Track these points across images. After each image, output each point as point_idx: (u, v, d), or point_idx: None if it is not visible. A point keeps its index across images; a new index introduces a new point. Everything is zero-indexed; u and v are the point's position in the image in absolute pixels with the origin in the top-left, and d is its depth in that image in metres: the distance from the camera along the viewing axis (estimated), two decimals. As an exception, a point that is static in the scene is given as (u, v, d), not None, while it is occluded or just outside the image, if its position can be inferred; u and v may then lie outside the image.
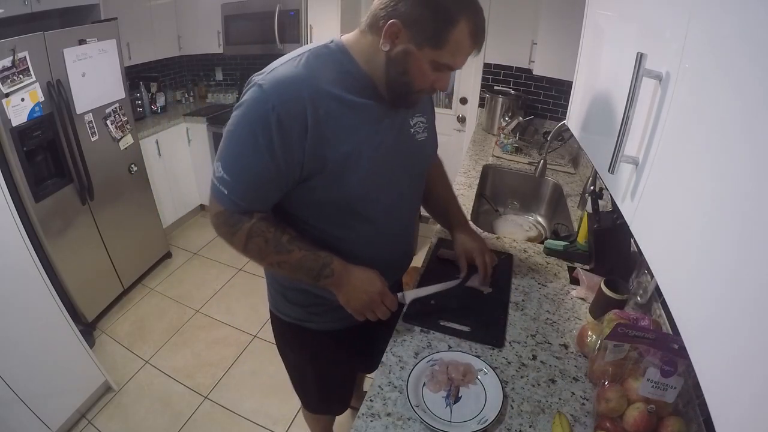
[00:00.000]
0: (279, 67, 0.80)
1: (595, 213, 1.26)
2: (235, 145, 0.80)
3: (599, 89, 1.00)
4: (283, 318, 1.10)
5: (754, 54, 0.42)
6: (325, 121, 0.79)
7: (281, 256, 0.88)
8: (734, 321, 0.42)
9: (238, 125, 0.80)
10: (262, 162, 0.79)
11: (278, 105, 0.76)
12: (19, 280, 1.51)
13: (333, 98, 0.80)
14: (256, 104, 0.77)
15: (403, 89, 0.84)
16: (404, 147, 0.95)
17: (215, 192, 0.84)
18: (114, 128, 2.34)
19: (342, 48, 0.84)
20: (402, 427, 0.83)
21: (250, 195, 0.84)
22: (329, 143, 0.81)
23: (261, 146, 0.78)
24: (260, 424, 1.83)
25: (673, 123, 0.58)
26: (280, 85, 0.77)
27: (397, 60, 0.79)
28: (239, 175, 0.81)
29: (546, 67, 2.18)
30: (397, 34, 0.77)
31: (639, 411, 0.78)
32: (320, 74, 0.80)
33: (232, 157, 0.81)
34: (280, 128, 0.76)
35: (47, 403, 1.60)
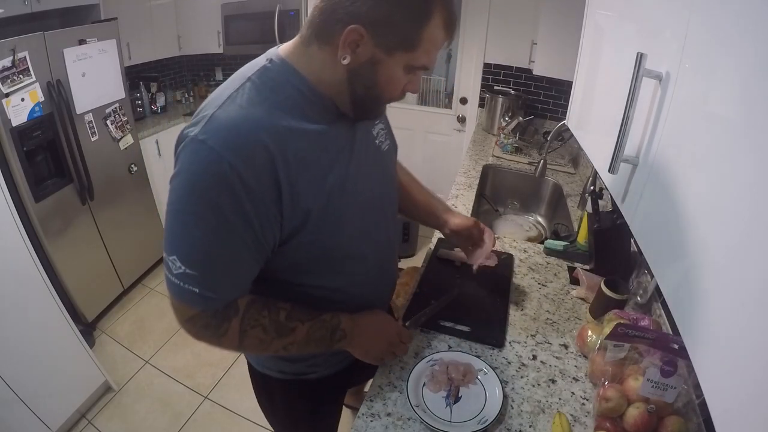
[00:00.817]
0: (217, 111, 0.62)
1: (595, 213, 1.26)
2: (191, 228, 0.63)
3: (599, 89, 1.00)
4: (278, 376, 0.95)
5: (754, 54, 0.42)
6: (296, 165, 0.65)
7: (286, 339, 0.76)
8: (734, 320, 0.42)
9: (188, 202, 0.62)
10: (235, 239, 0.63)
11: (235, 161, 0.59)
12: (19, 280, 1.51)
13: (296, 134, 0.65)
14: (205, 167, 0.59)
15: (372, 103, 0.71)
16: (376, 162, 0.83)
17: (179, 293, 0.66)
18: (114, 128, 2.34)
19: (287, 66, 0.67)
20: (402, 427, 0.83)
21: (226, 284, 0.68)
22: (308, 190, 0.67)
23: (229, 219, 0.61)
24: (260, 424, 1.83)
25: (673, 123, 0.58)
26: (229, 135, 0.60)
27: (363, 72, 0.65)
28: (208, 264, 0.65)
29: (546, 67, 2.18)
30: (358, 42, 0.62)
31: (639, 411, 0.78)
32: (273, 107, 0.64)
33: (191, 245, 0.63)
34: (246, 189, 0.60)
35: (47, 403, 1.60)
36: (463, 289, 1.19)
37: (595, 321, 1.05)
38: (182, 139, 0.63)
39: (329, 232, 0.72)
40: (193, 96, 3.56)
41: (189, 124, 0.64)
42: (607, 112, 0.89)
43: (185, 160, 0.62)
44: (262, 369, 0.96)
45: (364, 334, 0.85)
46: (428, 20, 0.62)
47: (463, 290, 1.18)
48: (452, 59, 2.92)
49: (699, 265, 0.49)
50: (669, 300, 0.55)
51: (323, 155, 0.69)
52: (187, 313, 0.69)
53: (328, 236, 0.72)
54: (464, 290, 1.19)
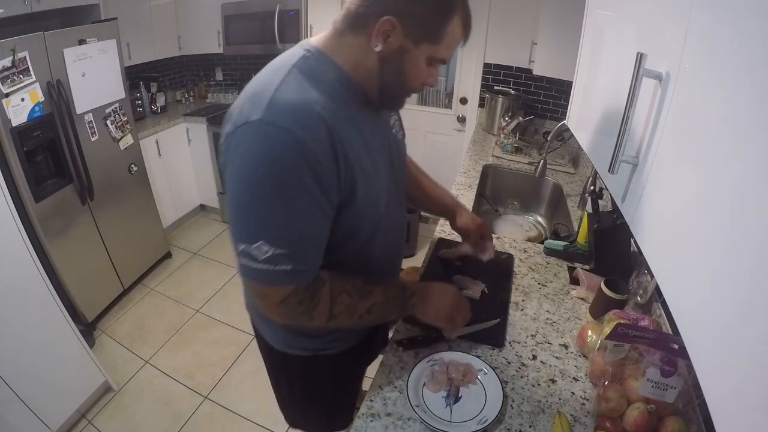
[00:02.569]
0: (276, 94, 0.66)
1: (595, 213, 1.26)
2: (276, 208, 0.66)
3: (599, 89, 1.00)
4: (297, 353, 0.98)
5: (754, 53, 0.42)
6: (346, 144, 0.70)
7: (369, 301, 0.81)
8: (735, 320, 0.42)
9: (268, 183, 0.64)
10: (318, 209, 0.69)
11: (307, 138, 0.64)
12: (19, 280, 1.51)
13: (341, 116, 0.71)
14: (280, 147, 0.63)
15: (397, 91, 0.77)
16: (393, 149, 0.91)
17: (271, 277, 0.69)
18: (114, 128, 2.34)
19: (324, 56, 0.73)
20: (402, 427, 0.83)
21: (315, 255, 0.73)
22: (356, 167, 0.72)
23: (311, 191, 0.66)
24: (260, 424, 1.83)
25: (673, 123, 0.58)
26: (296, 115, 0.64)
27: (393, 60, 0.71)
28: (296, 239, 0.69)
29: (546, 67, 2.18)
30: (390, 32, 0.68)
31: (639, 411, 0.78)
32: (321, 92, 0.69)
33: (278, 225, 0.67)
34: (319, 162, 0.65)
35: (47, 403, 1.60)
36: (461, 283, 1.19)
37: (595, 321, 1.05)
38: (242, 125, 0.65)
39: (366, 207, 0.78)
40: (193, 96, 3.56)
41: (240, 113, 0.66)
42: (607, 112, 0.89)
43: (255, 144, 0.64)
44: (282, 347, 0.99)
45: (433, 299, 0.92)
46: (451, 17, 0.69)
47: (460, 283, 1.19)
48: (452, 59, 2.92)
49: (699, 265, 0.49)
50: (669, 300, 0.55)
51: (361, 137, 0.75)
52: (280, 295, 0.72)
53: (364, 211, 0.78)
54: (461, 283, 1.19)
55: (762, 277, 0.38)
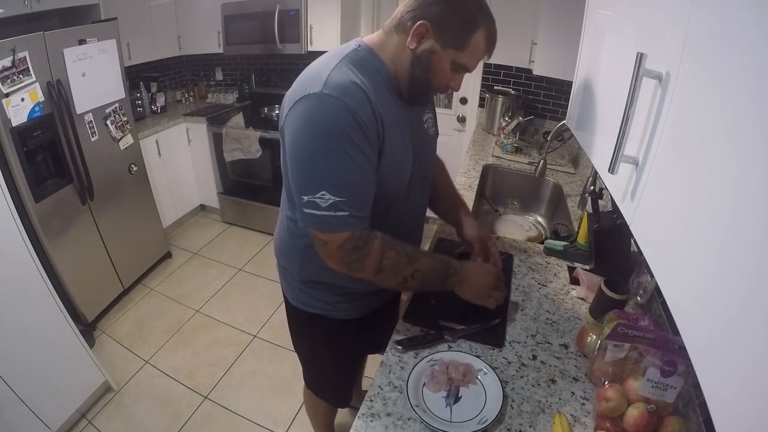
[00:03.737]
0: (331, 73, 0.80)
1: (595, 213, 1.26)
2: (334, 161, 0.78)
3: (599, 89, 1.00)
4: (306, 309, 1.10)
5: (754, 53, 0.42)
6: (384, 122, 0.83)
7: (414, 266, 0.91)
8: (735, 320, 0.42)
9: (328, 141, 0.78)
10: (368, 163, 0.82)
11: (356, 107, 0.77)
12: (19, 280, 1.51)
13: (381, 100, 0.84)
14: (336, 112, 0.77)
15: (423, 86, 0.89)
16: (423, 141, 1.01)
17: (333, 222, 0.81)
18: (114, 128, 2.34)
19: (371, 51, 0.88)
20: (402, 427, 0.83)
21: (368, 202, 0.85)
22: (387, 137, 0.85)
23: (363, 149, 0.79)
24: (260, 424, 1.83)
25: (673, 123, 0.58)
26: (348, 90, 0.78)
27: (422, 57, 0.85)
28: (355, 189, 0.81)
29: (546, 67, 2.18)
30: (423, 34, 0.83)
31: (639, 411, 0.78)
32: (365, 78, 0.83)
33: (337, 175, 0.79)
34: (365, 128, 0.79)
35: (47, 403, 1.60)
36: None
37: (595, 321, 1.05)
38: (302, 97, 0.78)
39: (391, 174, 0.89)
40: (193, 96, 3.56)
41: (306, 87, 0.79)
42: (607, 112, 0.89)
43: (314, 111, 0.77)
44: (296, 303, 1.12)
45: (473, 278, 1.00)
46: (475, 30, 0.83)
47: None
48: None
49: (699, 265, 0.49)
50: (669, 300, 0.55)
51: (395, 121, 0.88)
52: (339, 239, 0.83)
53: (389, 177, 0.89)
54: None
55: (762, 276, 0.38)
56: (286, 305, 1.20)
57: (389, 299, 1.19)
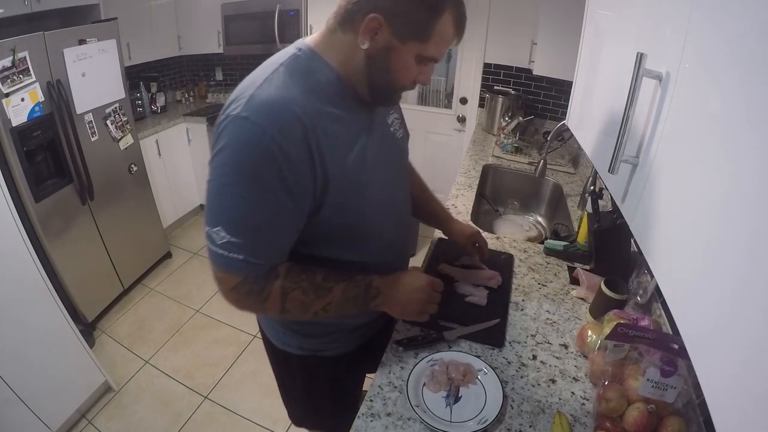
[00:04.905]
0: (256, 91, 0.69)
1: (595, 213, 1.26)
2: (237, 197, 0.68)
3: (599, 89, 1.00)
4: (295, 352, 1.00)
5: (755, 53, 0.42)
6: (324, 141, 0.71)
7: (325, 300, 0.80)
8: (735, 321, 0.42)
9: (234, 174, 0.67)
10: (278, 207, 0.70)
11: (277, 134, 0.65)
12: (19, 280, 1.51)
13: (323, 114, 0.72)
14: (250, 140, 0.66)
15: (386, 88, 0.77)
16: (391, 147, 0.91)
17: (224, 262, 0.71)
18: (114, 128, 2.34)
19: (314, 54, 0.75)
20: (402, 427, 0.83)
21: (270, 251, 0.74)
22: (334, 164, 0.73)
23: (272, 188, 0.68)
24: (260, 424, 1.83)
25: (673, 123, 0.58)
26: (270, 111, 0.67)
27: (379, 57, 0.72)
28: (253, 232, 0.70)
29: (546, 67, 2.18)
30: (377, 30, 0.69)
31: (639, 411, 0.78)
32: (304, 90, 0.71)
33: (237, 215, 0.69)
34: (288, 160, 0.67)
35: (47, 403, 1.60)
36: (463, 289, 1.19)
37: (595, 321, 1.04)
38: (224, 119, 0.69)
39: (351, 206, 0.79)
40: (193, 96, 3.56)
41: (227, 107, 0.70)
42: (607, 112, 0.89)
43: (230, 137, 0.67)
44: (282, 346, 1.00)
45: (400, 293, 0.88)
46: (440, 16, 0.69)
47: (462, 290, 1.19)
48: (452, 59, 2.92)
49: (699, 265, 0.49)
50: (669, 300, 0.55)
51: (345, 135, 0.76)
52: (231, 281, 0.74)
53: (350, 210, 0.79)
54: (464, 290, 1.19)
55: (762, 276, 0.38)
56: (268, 348, 1.07)
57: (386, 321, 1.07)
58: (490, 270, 1.25)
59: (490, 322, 1.07)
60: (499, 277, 1.22)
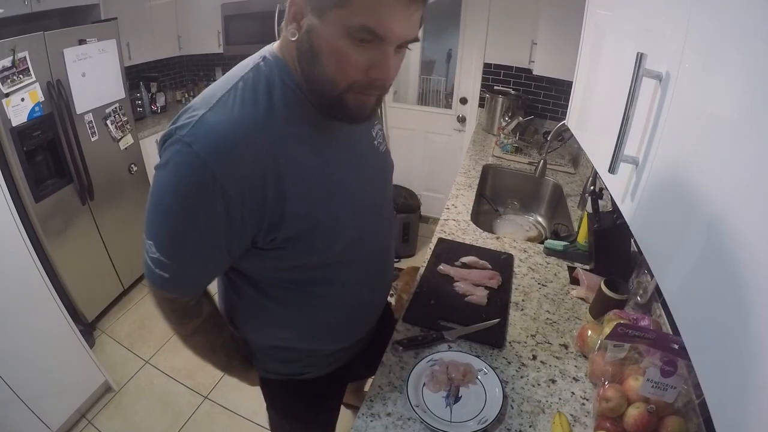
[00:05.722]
0: (207, 113, 0.58)
1: (595, 213, 1.26)
2: (168, 220, 0.63)
3: (599, 89, 1.00)
4: (274, 377, 0.98)
5: (755, 53, 0.42)
6: (288, 172, 0.62)
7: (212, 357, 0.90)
8: (735, 321, 0.42)
9: (168, 199, 0.61)
10: (205, 241, 0.64)
11: (220, 173, 0.57)
12: (19, 280, 1.51)
13: (291, 138, 0.63)
14: (188, 171, 0.58)
15: (328, 91, 0.60)
16: (375, 163, 0.82)
17: (152, 276, 0.68)
18: (114, 128, 2.34)
19: (279, 63, 0.64)
20: (402, 427, 0.83)
21: (195, 281, 0.73)
22: (298, 195, 0.64)
23: (200, 224, 0.61)
24: (260, 424, 1.82)
25: (673, 123, 0.58)
26: (215, 143, 0.57)
27: (304, 46, 0.58)
28: (180, 258, 0.66)
29: (546, 67, 2.18)
30: (302, 13, 0.56)
31: (639, 411, 0.78)
32: (267, 110, 0.61)
33: (166, 237, 0.64)
34: (225, 199, 0.59)
35: (47, 403, 1.60)
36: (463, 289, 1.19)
37: (595, 321, 1.05)
38: (169, 135, 0.61)
39: (323, 238, 0.70)
40: (193, 96, 3.56)
41: (176, 120, 0.61)
42: (607, 112, 0.89)
43: (171, 159, 0.59)
44: (265, 374, 0.99)
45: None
46: None
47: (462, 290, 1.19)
48: (452, 59, 2.92)
49: (699, 265, 0.49)
50: (669, 300, 0.55)
51: (317, 158, 0.67)
52: (158, 294, 0.73)
53: (322, 242, 0.70)
54: (464, 290, 1.19)
55: (762, 276, 0.38)
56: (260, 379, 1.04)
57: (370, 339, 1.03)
58: (490, 270, 1.25)
59: (490, 322, 1.07)
60: (499, 277, 1.22)
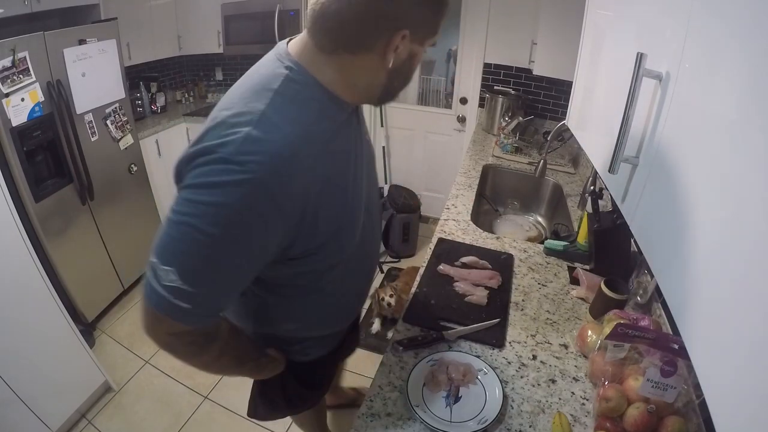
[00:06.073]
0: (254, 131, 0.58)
1: (595, 213, 1.26)
2: (203, 248, 0.59)
3: (599, 89, 1.00)
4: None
5: (755, 53, 0.42)
6: (323, 184, 0.66)
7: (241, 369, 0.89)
8: (735, 321, 0.42)
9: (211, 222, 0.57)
10: (247, 265, 0.64)
11: (278, 192, 0.58)
12: (19, 280, 1.51)
13: (325, 150, 0.66)
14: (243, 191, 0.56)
15: (399, 89, 0.73)
16: (368, 155, 0.85)
17: (166, 306, 0.60)
18: (114, 128, 2.34)
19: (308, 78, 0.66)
20: (402, 427, 0.83)
21: (219, 303, 0.68)
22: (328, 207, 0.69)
23: (249, 245, 0.60)
24: (260, 425, 1.82)
25: (672, 123, 0.58)
26: (273, 162, 0.58)
27: (403, 68, 0.69)
28: (210, 285, 0.62)
29: (546, 67, 2.18)
30: (399, 44, 0.64)
31: (639, 411, 0.78)
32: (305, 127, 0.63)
33: (197, 265, 0.60)
34: (281, 219, 0.61)
35: (47, 403, 1.60)
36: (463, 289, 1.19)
37: (595, 321, 1.05)
38: (206, 152, 0.58)
39: (345, 240, 0.76)
40: (193, 96, 3.56)
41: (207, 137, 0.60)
42: (607, 112, 0.89)
43: (217, 179, 0.57)
44: None
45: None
46: (446, 6, 0.67)
47: (462, 290, 1.19)
48: (452, 59, 2.92)
49: (699, 265, 0.49)
50: (669, 300, 0.55)
51: (340, 166, 0.72)
52: (173, 328, 0.64)
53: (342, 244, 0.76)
54: (464, 290, 1.19)
55: (761, 275, 0.38)
56: None
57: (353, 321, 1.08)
58: (490, 270, 1.25)
59: (490, 322, 1.07)
60: (499, 277, 1.22)
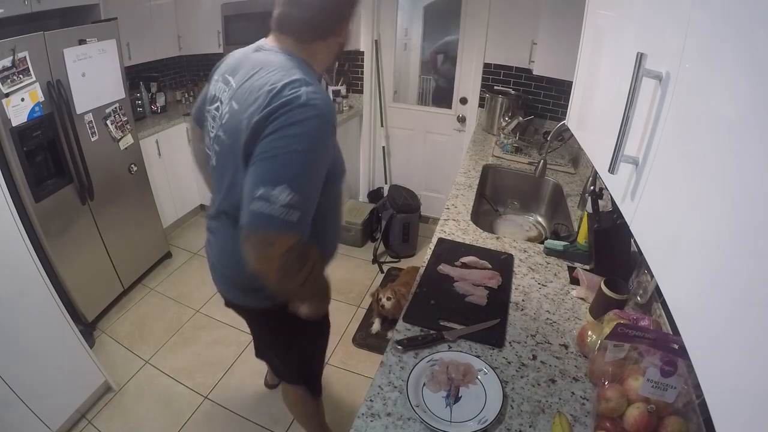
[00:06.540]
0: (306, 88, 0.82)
1: (595, 213, 1.26)
2: (310, 163, 0.80)
3: (599, 89, 1.00)
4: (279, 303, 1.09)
5: (754, 53, 0.42)
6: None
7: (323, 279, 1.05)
8: (735, 321, 0.42)
9: (309, 142, 0.79)
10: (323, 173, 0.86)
11: (333, 119, 0.86)
12: (19, 280, 1.51)
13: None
14: (323, 120, 0.82)
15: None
16: None
17: (281, 224, 0.77)
18: (114, 128, 2.34)
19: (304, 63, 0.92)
20: (402, 427, 0.83)
21: (311, 214, 0.84)
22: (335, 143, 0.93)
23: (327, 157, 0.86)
24: (260, 424, 1.83)
25: (673, 123, 0.58)
26: (327, 101, 0.85)
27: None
28: (311, 190, 0.83)
29: (546, 67, 2.18)
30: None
31: (639, 411, 0.78)
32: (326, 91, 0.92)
33: (306, 174, 0.80)
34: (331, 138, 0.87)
35: (47, 403, 1.60)
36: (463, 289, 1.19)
37: (595, 321, 1.05)
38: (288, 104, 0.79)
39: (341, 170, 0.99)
40: (193, 96, 3.56)
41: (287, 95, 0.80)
42: (607, 112, 0.89)
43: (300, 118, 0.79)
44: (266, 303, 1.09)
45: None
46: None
47: (462, 290, 1.19)
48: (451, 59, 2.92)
49: (699, 265, 0.49)
50: (669, 300, 0.55)
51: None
52: (286, 243, 0.80)
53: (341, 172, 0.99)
54: (464, 290, 1.19)
55: (761, 276, 0.38)
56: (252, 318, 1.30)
57: None
58: (490, 270, 1.25)
59: (490, 322, 1.07)
60: (499, 277, 1.22)
